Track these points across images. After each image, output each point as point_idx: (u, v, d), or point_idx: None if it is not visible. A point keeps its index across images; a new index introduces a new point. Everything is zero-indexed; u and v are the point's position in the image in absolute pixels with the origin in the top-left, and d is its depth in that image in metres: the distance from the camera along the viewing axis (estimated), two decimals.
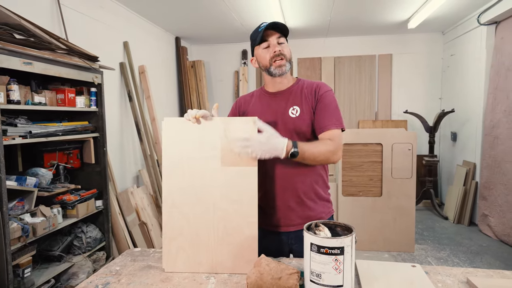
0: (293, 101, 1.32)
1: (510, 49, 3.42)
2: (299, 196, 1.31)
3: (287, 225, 1.34)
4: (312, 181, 1.33)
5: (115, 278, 1.12)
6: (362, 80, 5.13)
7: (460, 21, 4.30)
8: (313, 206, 1.33)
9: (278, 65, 1.29)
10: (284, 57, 1.29)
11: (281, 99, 1.35)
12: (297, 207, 1.32)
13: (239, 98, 1.47)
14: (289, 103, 1.33)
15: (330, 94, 1.31)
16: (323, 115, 1.28)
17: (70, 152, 2.44)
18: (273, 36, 1.29)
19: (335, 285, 0.93)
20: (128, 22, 3.66)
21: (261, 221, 1.34)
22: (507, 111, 3.43)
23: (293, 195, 1.31)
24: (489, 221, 3.62)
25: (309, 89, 1.33)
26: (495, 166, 3.56)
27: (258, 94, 1.42)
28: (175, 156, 1.16)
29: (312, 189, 1.33)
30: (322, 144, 1.23)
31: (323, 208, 1.36)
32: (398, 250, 3.22)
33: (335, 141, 1.24)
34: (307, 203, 1.32)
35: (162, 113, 4.31)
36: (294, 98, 1.33)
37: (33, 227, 1.93)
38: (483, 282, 1.00)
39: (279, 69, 1.29)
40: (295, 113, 1.30)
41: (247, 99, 1.44)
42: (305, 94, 1.32)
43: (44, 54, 1.93)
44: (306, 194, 1.32)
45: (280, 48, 1.29)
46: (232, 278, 1.10)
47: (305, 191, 1.32)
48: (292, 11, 3.86)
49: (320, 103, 1.29)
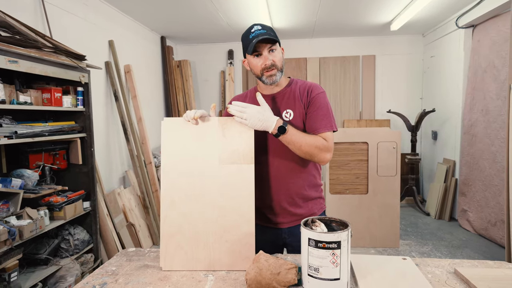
0: (286, 104, 1.34)
1: (486, 52, 3.59)
2: (292, 197, 1.35)
3: (281, 223, 1.38)
4: (304, 183, 1.37)
5: (112, 278, 1.11)
6: (347, 80, 5.23)
7: (440, 24, 4.47)
8: (304, 205, 1.37)
9: (269, 75, 1.29)
10: (275, 67, 1.28)
11: (275, 102, 1.36)
12: (289, 206, 1.36)
13: (233, 98, 1.48)
14: (282, 106, 1.34)
15: (322, 96, 1.33)
16: (314, 117, 1.30)
17: (57, 153, 2.38)
18: (265, 47, 1.27)
19: (333, 278, 0.96)
20: (113, 21, 3.60)
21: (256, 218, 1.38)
22: (484, 111, 3.59)
23: (286, 196, 1.35)
24: (468, 216, 3.78)
25: (302, 90, 1.34)
26: (473, 163, 3.73)
27: (252, 95, 1.42)
28: (174, 155, 1.17)
29: (304, 190, 1.37)
30: (312, 138, 1.25)
31: (314, 205, 1.41)
32: (383, 246, 3.32)
33: (326, 142, 1.26)
34: (298, 203, 1.36)
35: (148, 113, 4.26)
36: (288, 101, 1.34)
37: (20, 230, 1.88)
38: (469, 272, 1.06)
39: (270, 78, 1.30)
40: (288, 117, 1.32)
41: (241, 100, 1.44)
42: (298, 97, 1.34)
43: (30, 52, 1.88)
44: (298, 195, 1.36)
45: (272, 59, 1.27)
46: (231, 274, 1.12)
47: (297, 192, 1.35)
48: (278, 12, 3.90)
49: (312, 106, 1.31)
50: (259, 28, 1.28)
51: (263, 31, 1.26)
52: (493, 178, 3.39)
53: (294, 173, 1.34)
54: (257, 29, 1.27)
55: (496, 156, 3.37)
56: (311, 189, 1.39)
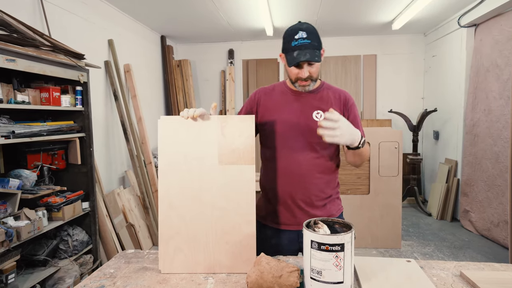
0: (318, 105, 1.32)
1: (488, 51, 3.56)
2: (310, 198, 1.34)
3: (297, 224, 1.35)
4: (324, 184, 1.35)
5: (110, 281, 1.09)
6: (348, 79, 5.21)
7: (441, 23, 4.44)
8: (322, 207, 1.36)
9: (302, 85, 1.28)
10: (310, 79, 1.27)
11: (304, 101, 1.34)
12: (306, 206, 1.34)
13: (259, 90, 1.44)
14: (313, 106, 1.32)
15: (355, 106, 1.37)
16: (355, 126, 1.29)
17: (55, 153, 2.36)
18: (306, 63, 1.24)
19: (336, 282, 0.94)
20: (112, 20, 3.57)
21: (271, 219, 1.38)
22: (486, 110, 3.56)
23: (304, 196, 1.33)
24: (470, 216, 3.75)
25: (336, 96, 1.35)
26: (476, 164, 3.70)
27: (281, 89, 1.39)
28: (172, 155, 1.14)
29: (322, 192, 1.35)
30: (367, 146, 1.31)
31: (332, 206, 1.39)
32: (385, 247, 3.29)
33: None
34: (316, 204, 1.35)
35: (148, 112, 4.24)
36: (319, 103, 1.33)
37: (17, 231, 1.85)
38: (475, 275, 1.04)
39: (302, 87, 1.30)
40: (319, 118, 1.31)
41: (268, 92, 1.40)
42: (331, 101, 1.33)
43: (28, 51, 1.86)
44: (317, 196, 1.34)
45: (309, 72, 1.25)
46: (231, 277, 1.09)
47: (317, 194, 1.34)
48: (279, 11, 3.88)
49: (352, 115, 1.34)
50: (304, 36, 1.21)
51: (307, 42, 1.20)
52: (496, 178, 3.37)
53: (316, 174, 1.33)
54: (301, 37, 1.21)
55: (499, 156, 3.34)
56: (331, 189, 1.38)
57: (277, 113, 1.34)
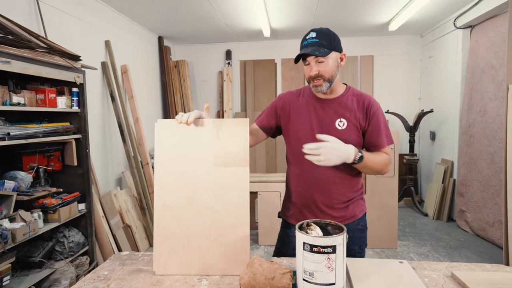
0: (342, 113, 1.33)
1: (484, 52, 3.58)
2: (331, 201, 1.36)
3: None
4: (346, 188, 1.37)
5: (104, 283, 1.09)
6: (345, 80, 5.22)
7: (438, 24, 4.46)
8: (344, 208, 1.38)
9: (315, 85, 1.29)
10: (321, 78, 1.26)
11: (328, 108, 1.34)
12: (328, 209, 1.36)
13: (285, 94, 1.44)
14: (337, 114, 1.33)
15: (380, 111, 1.35)
16: (377, 133, 1.32)
17: (51, 154, 2.36)
18: (311, 56, 1.25)
19: (328, 283, 0.94)
20: (109, 21, 3.57)
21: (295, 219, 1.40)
22: (482, 111, 3.58)
23: (326, 200, 1.36)
24: (466, 216, 3.77)
25: (360, 102, 1.34)
26: (471, 164, 3.72)
27: (306, 95, 1.39)
28: (168, 157, 1.15)
29: (344, 196, 1.37)
30: (379, 156, 1.30)
31: (356, 208, 1.40)
32: (381, 247, 3.30)
33: (388, 156, 1.32)
34: (338, 207, 1.37)
35: (145, 113, 4.23)
36: (343, 110, 1.33)
37: (12, 233, 1.85)
38: (466, 275, 1.05)
39: (315, 88, 1.30)
40: (341, 126, 1.31)
41: (293, 98, 1.41)
42: (355, 107, 1.33)
43: (23, 53, 1.86)
44: (339, 200, 1.36)
45: (317, 69, 1.25)
46: (225, 279, 1.10)
47: (338, 198, 1.36)
48: (276, 12, 3.89)
49: (373, 121, 1.32)
50: (313, 36, 1.26)
51: (315, 40, 1.25)
52: (491, 178, 3.39)
53: (339, 179, 1.35)
54: (311, 36, 1.26)
55: (494, 156, 3.36)
56: (352, 193, 1.39)
57: (301, 119, 1.36)
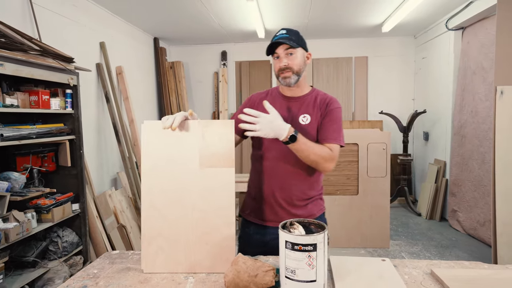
0: (305, 109, 1.39)
1: (475, 54, 3.62)
2: (291, 198, 1.39)
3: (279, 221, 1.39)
4: (307, 186, 1.41)
5: (93, 281, 1.12)
6: (340, 81, 5.26)
7: (431, 26, 4.51)
8: (303, 207, 1.41)
9: (283, 76, 1.35)
10: (290, 70, 1.33)
11: (294, 105, 1.41)
12: (287, 206, 1.40)
13: (253, 95, 1.51)
14: (301, 110, 1.39)
15: (338, 111, 1.39)
16: (327, 128, 1.36)
17: (45, 155, 2.38)
18: (281, 48, 1.32)
19: (309, 280, 0.97)
20: (104, 22, 3.59)
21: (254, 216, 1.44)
22: (473, 112, 3.62)
23: (286, 196, 1.39)
24: (458, 216, 3.82)
25: (322, 100, 1.40)
26: (463, 164, 3.76)
27: (274, 95, 1.46)
28: (154, 158, 1.17)
29: (304, 194, 1.40)
30: (319, 147, 1.31)
31: (314, 206, 1.44)
32: (374, 246, 3.34)
33: (332, 152, 1.33)
34: (298, 204, 1.40)
35: (141, 114, 4.26)
36: (307, 107, 1.39)
37: (5, 233, 1.88)
38: (444, 272, 1.08)
39: (284, 80, 1.36)
40: (305, 121, 1.37)
41: (262, 97, 1.47)
42: (317, 105, 1.39)
43: (16, 55, 1.88)
44: (298, 198, 1.40)
45: (286, 61, 1.32)
46: (210, 277, 1.13)
47: (297, 195, 1.39)
48: (270, 14, 3.92)
49: (328, 117, 1.37)
50: (283, 32, 1.34)
51: (285, 35, 1.32)
52: (482, 178, 3.43)
53: (299, 176, 1.39)
54: (281, 33, 1.34)
55: (485, 156, 3.40)
56: (313, 190, 1.43)
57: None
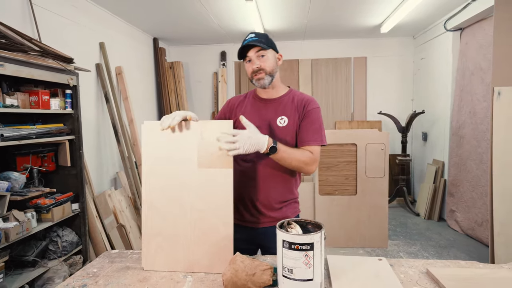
0: (283, 111, 1.39)
1: (473, 54, 3.64)
2: (269, 201, 1.41)
3: (255, 223, 1.43)
4: (284, 189, 1.42)
5: (92, 280, 1.13)
6: (339, 82, 5.28)
7: (429, 27, 4.52)
8: (279, 209, 1.43)
9: (257, 78, 1.36)
10: (263, 71, 1.35)
11: (271, 107, 1.41)
12: (264, 209, 1.41)
13: (232, 99, 1.52)
14: (278, 112, 1.39)
15: (316, 111, 1.39)
16: (306, 130, 1.36)
17: (45, 155, 2.39)
18: (252, 51, 1.34)
19: (306, 279, 0.99)
20: (103, 23, 3.60)
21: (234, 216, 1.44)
22: (471, 113, 3.64)
23: (264, 199, 1.40)
24: (456, 216, 3.83)
25: (299, 102, 1.40)
26: (461, 164, 3.78)
27: (251, 97, 1.47)
28: (154, 158, 1.19)
29: (282, 197, 1.42)
30: (299, 152, 1.32)
31: (288, 209, 1.45)
32: (372, 246, 3.36)
33: (312, 155, 1.33)
34: (275, 207, 1.42)
35: (140, 114, 4.27)
36: (284, 108, 1.40)
37: (6, 232, 1.89)
38: (439, 271, 1.10)
39: (258, 82, 1.37)
40: (282, 123, 1.37)
41: (240, 100, 1.48)
42: (295, 106, 1.39)
43: (16, 56, 1.89)
44: (275, 200, 1.41)
45: (259, 63, 1.34)
46: (209, 276, 1.14)
47: (274, 197, 1.41)
48: (269, 14, 3.93)
49: (307, 118, 1.37)
50: (252, 36, 1.36)
51: (255, 39, 1.34)
52: (480, 179, 3.45)
53: (277, 179, 1.40)
54: (250, 37, 1.36)
55: (482, 157, 3.42)
56: (290, 194, 1.44)
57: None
